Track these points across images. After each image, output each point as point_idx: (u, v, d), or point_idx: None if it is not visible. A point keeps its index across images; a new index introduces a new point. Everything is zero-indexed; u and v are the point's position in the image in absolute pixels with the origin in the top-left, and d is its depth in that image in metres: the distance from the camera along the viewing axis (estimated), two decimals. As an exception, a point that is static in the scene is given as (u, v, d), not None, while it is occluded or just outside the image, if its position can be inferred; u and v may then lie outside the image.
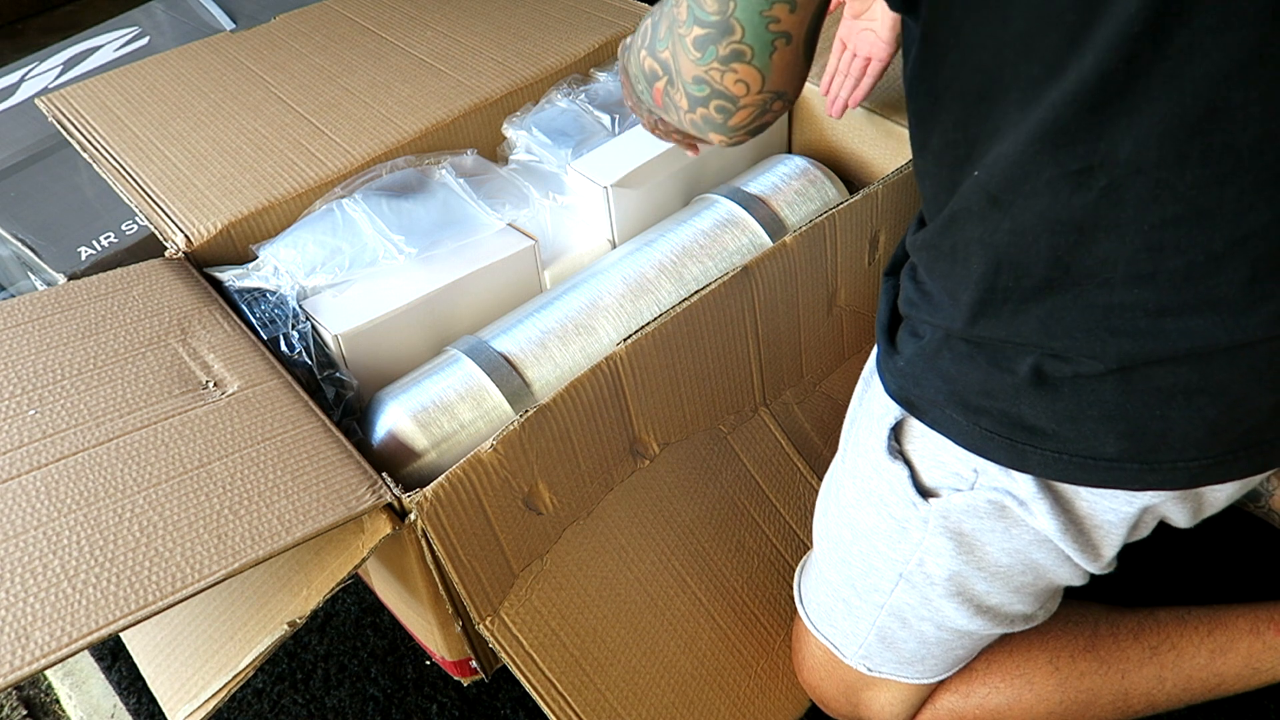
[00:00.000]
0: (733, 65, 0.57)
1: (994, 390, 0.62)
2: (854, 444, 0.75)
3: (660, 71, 0.62)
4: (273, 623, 0.71)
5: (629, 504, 0.86)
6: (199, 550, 0.65)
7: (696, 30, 0.56)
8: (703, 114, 0.60)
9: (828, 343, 1.01)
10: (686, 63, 0.58)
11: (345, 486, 0.71)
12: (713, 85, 0.59)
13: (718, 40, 0.56)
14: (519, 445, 0.76)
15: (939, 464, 0.68)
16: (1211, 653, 0.80)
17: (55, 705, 1.02)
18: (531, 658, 0.78)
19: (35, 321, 0.82)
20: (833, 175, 1.09)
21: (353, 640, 1.03)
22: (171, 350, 0.81)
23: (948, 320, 0.64)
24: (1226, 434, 0.58)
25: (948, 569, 0.70)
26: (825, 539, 0.80)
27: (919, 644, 0.76)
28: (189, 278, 0.90)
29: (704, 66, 0.58)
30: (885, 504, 0.71)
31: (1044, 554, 0.68)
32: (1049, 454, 0.62)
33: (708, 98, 0.59)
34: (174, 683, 0.74)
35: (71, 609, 0.61)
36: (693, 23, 0.56)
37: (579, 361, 0.90)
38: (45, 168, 1.07)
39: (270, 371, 0.81)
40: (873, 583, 0.75)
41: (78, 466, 0.70)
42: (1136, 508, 0.64)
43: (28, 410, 0.74)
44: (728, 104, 0.60)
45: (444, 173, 1.02)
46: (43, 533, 0.65)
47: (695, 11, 0.56)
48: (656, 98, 0.64)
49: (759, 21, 0.55)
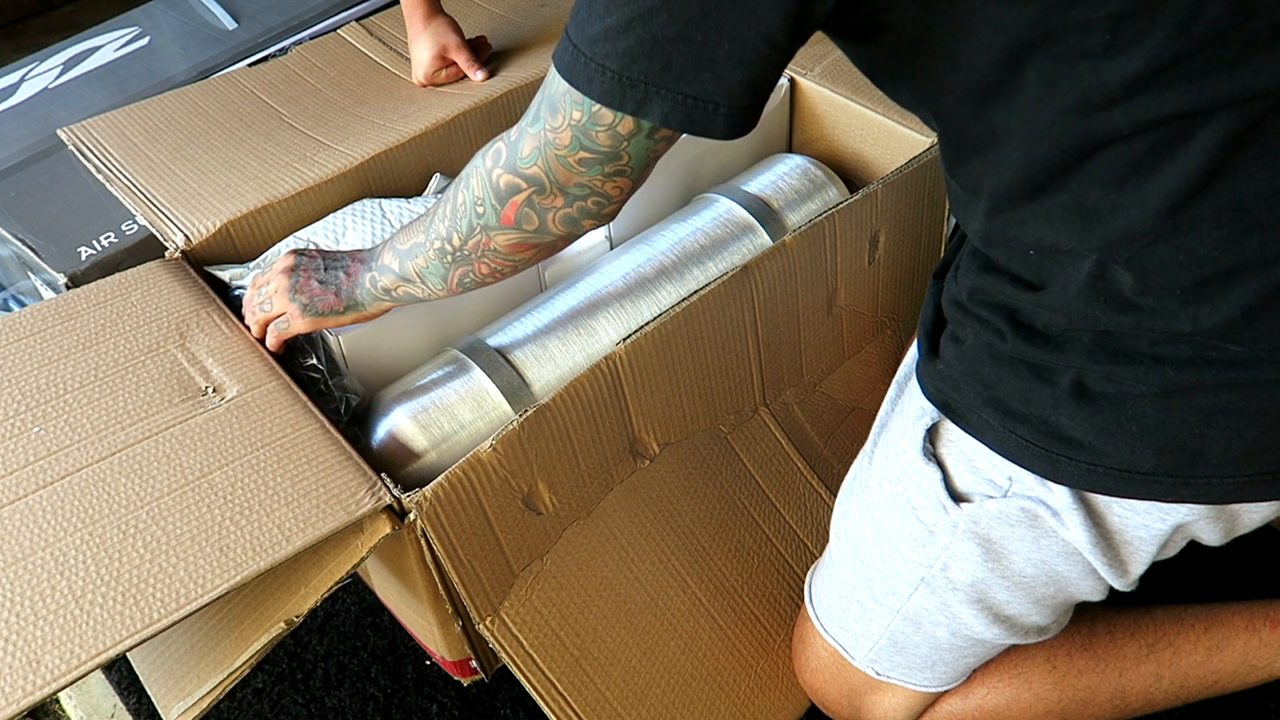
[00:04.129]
0: (615, 179, 0.64)
1: (1033, 398, 0.63)
2: (885, 445, 0.75)
3: (524, 185, 0.66)
4: (270, 621, 0.71)
5: (629, 504, 0.86)
6: (201, 564, 0.67)
7: (583, 154, 0.62)
8: (580, 207, 0.66)
9: (828, 343, 1.01)
10: (565, 174, 0.64)
11: (345, 490, 0.71)
12: (593, 189, 0.65)
13: (605, 163, 0.63)
14: (518, 445, 0.76)
15: (973, 469, 0.68)
16: (1208, 650, 0.80)
17: (55, 705, 1.02)
18: (531, 658, 0.78)
19: (36, 335, 0.83)
20: (832, 174, 1.09)
21: (353, 640, 1.03)
22: (170, 356, 0.82)
23: (996, 338, 0.65)
24: (1265, 454, 0.59)
25: (972, 575, 0.70)
26: (844, 539, 0.79)
27: (931, 650, 0.76)
28: (187, 279, 0.90)
29: (587, 177, 0.64)
30: (913, 506, 0.71)
31: (1069, 566, 0.68)
32: (1084, 465, 0.62)
33: (587, 195, 0.66)
34: (169, 680, 0.74)
35: (80, 631, 0.63)
36: (578, 148, 0.62)
37: (579, 361, 0.90)
38: (45, 168, 1.07)
39: (269, 373, 0.81)
40: (891, 585, 0.74)
41: (82, 483, 0.71)
42: (1169, 525, 0.64)
43: (32, 427, 0.75)
44: (604, 201, 0.66)
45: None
46: (49, 553, 0.67)
47: (583, 141, 0.61)
48: (506, 214, 0.68)
49: (645, 155, 0.63)
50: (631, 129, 0.60)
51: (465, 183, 0.70)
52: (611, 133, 0.60)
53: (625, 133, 0.60)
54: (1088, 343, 0.61)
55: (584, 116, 0.60)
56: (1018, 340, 0.63)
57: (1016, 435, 0.64)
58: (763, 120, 1.12)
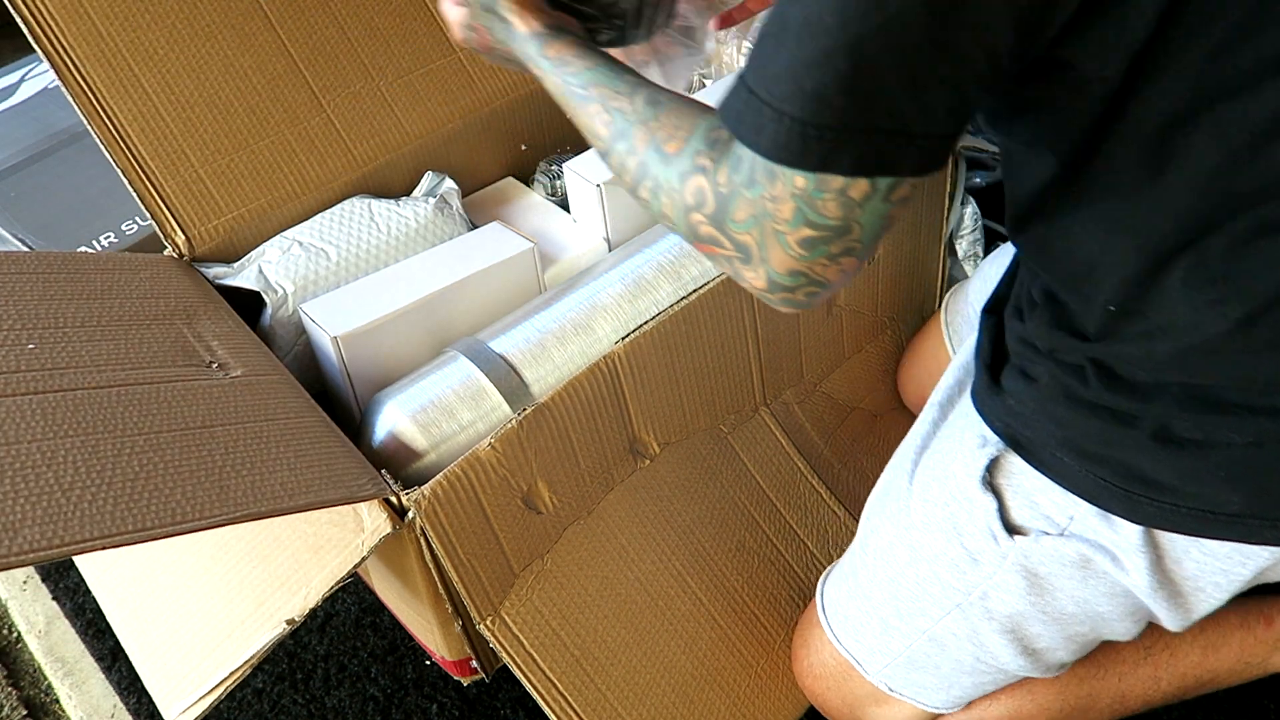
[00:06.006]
0: (840, 260, 0.53)
1: (1113, 441, 0.61)
2: (930, 468, 0.74)
3: (727, 246, 0.55)
4: (270, 621, 0.71)
5: (630, 504, 0.86)
6: (200, 495, 0.61)
7: (806, 231, 0.51)
8: (783, 297, 0.55)
9: (828, 343, 1.01)
10: (782, 256, 0.53)
11: (347, 474, 0.71)
12: (811, 276, 0.53)
13: (832, 241, 0.52)
14: (517, 444, 0.76)
15: (1032, 504, 0.67)
16: (1204, 650, 0.80)
17: (55, 705, 1.02)
18: (532, 658, 0.78)
19: (40, 275, 0.77)
20: (833, 175, 1.09)
21: (353, 640, 1.03)
22: (176, 330, 0.78)
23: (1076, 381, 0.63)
24: None
25: (1011, 607, 0.69)
26: (873, 555, 0.78)
27: (951, 673, 0.75)
28: (195, 275, 0.90)
29: (807, 263, 0.53)
30: (959, 533, 0.70)
31: (1111, 607, 0.67)
32: (1166, 506, 0.60)
33: (799, 286, 0.54)
34: (169, 680, 0.74)
35: (65, 517, 0.56)
36: (801, 224, 0.51)
37: (578, 362, 0.90)
38: (45, 167, 1.07)
39: (274, 367, 0.81)
40: (921, 607, 0.73)
41: (75, 402, 0.65)
42: (1251, 570, 0.62)
43: (27, 344, 0.69)
44: (819, 289, 0.55)
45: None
46: (37, 447, 0.60)
47: (807, 214, 0.51)
48: (698, 248, 0.58)
49: (879, 222, 0.52)
50: (866, 192, 0.50)
51: (649, 182, 0.58)
52: (842, 199, 0.50)
53: (859, 197, 0.50)
54: (1176, 393, 0.59)
55: (809, 184, 0.50)
56: (1100, 388, 0.61)
57: (1094, 475, 0.62)
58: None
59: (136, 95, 0.91)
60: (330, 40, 1.02)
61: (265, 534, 0.77)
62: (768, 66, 0.49)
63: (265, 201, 0.96)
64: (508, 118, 1.12)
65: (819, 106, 0.47)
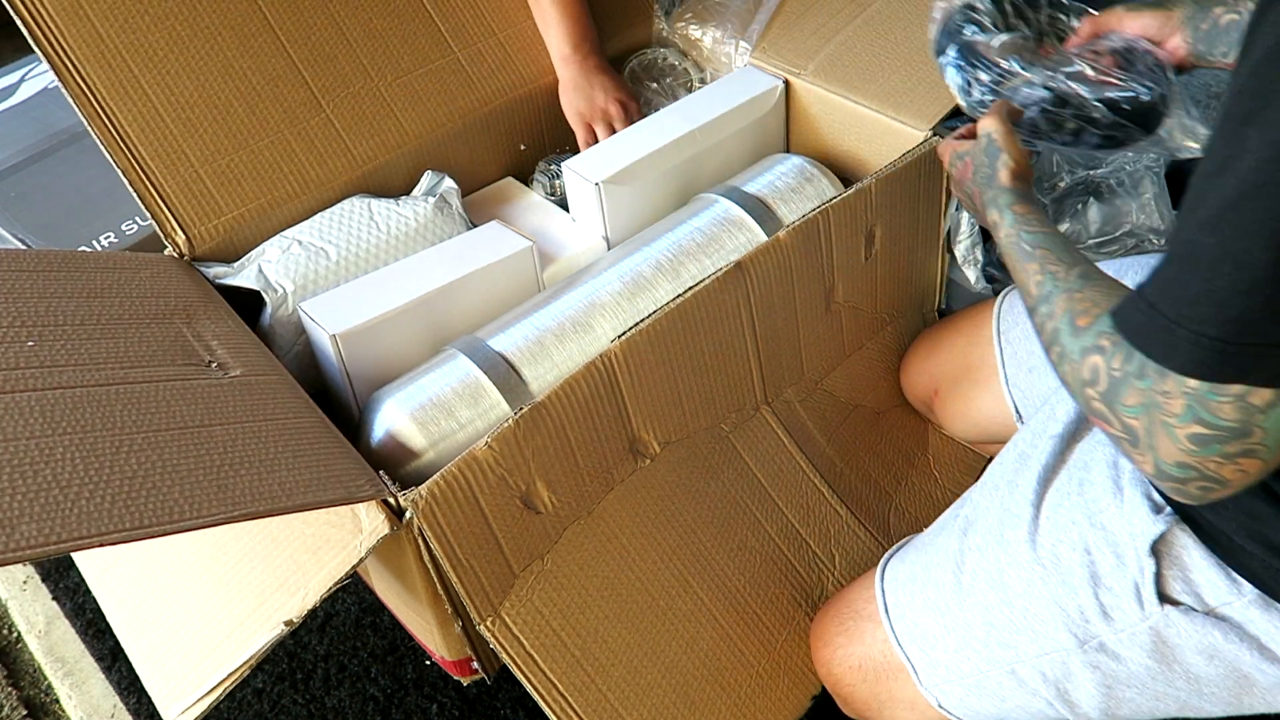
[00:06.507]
0: (1238, 460, 0.52)
1: None
2: (1069, 509, 0.72)
3: (1115, 426, 0.56)
4: (270, 622, 0.71)
5: (630, 503, 0.86)
6: (198, 494, 0.61)
7: (1196, 429, 0.51)
8: (1173, 487, 0.55)
9: (827, 340, 1.01)
10: (1170, 448, 0.53)
11: (346, 474, 0.71)
12: (1203, 471, 0.53)
13: (1227, 441, 0.51)
14: (514, 443, 0.76)
15: (1185, 579, 0.66)
16: None
17: (55, 705, 1.02)
18: (533, 658, 0.78)
19: (39, 273, 0.78)
20: (830, 174, 1.09)
21: (353, 640, 1.03)
22: (175, 329, 0.79)
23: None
24: None
25: (1123, 668, 0.69)
26: (971, 574, 0.76)
27: (1013, 710, 0.74)
28: (195, 274, 0.90)
29: (1198, 458, 0.52)
30: (1099, 584, 0.69)
31: (1217, 690, 0.68)
32: None
33: (1190, 480, 0.54)
34: (169, 680, 0.74)
35: (62, 514, 0.56)
36: (1191, 420, 0.51)
37: (577, 360, 0.90)
38: (45, 167, 1.07)
39: (273, 367, 0.81)
40: (1017, 640, 0.72)
41: (74, 399, 0.66)
42: None
43: (26, 341, 0.70)
44: (1214, 486, 0.54)
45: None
46: (35, 444, 0.60)
47: (1199, 413, 0.51)
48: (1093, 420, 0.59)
49: None
50: (1269, 399, 0.49)
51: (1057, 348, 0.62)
52: (1240, 404, 0.50)
53: (1261, 404, 0.49)
54: None
55: (1203, 387, 0.50)
56: None
57: (1275, 568, 0.62)
58: (760, 122, 1.14)
59: (136, 96, 0.91)
60: (329, 41, 1.02)
61: (264, 535, 0.77)
62: (1178, 291, 0.51)
63: (265, 201, 0.96)
64: (507, 118, 1.12)
65: (1241, 329, 0.49)
